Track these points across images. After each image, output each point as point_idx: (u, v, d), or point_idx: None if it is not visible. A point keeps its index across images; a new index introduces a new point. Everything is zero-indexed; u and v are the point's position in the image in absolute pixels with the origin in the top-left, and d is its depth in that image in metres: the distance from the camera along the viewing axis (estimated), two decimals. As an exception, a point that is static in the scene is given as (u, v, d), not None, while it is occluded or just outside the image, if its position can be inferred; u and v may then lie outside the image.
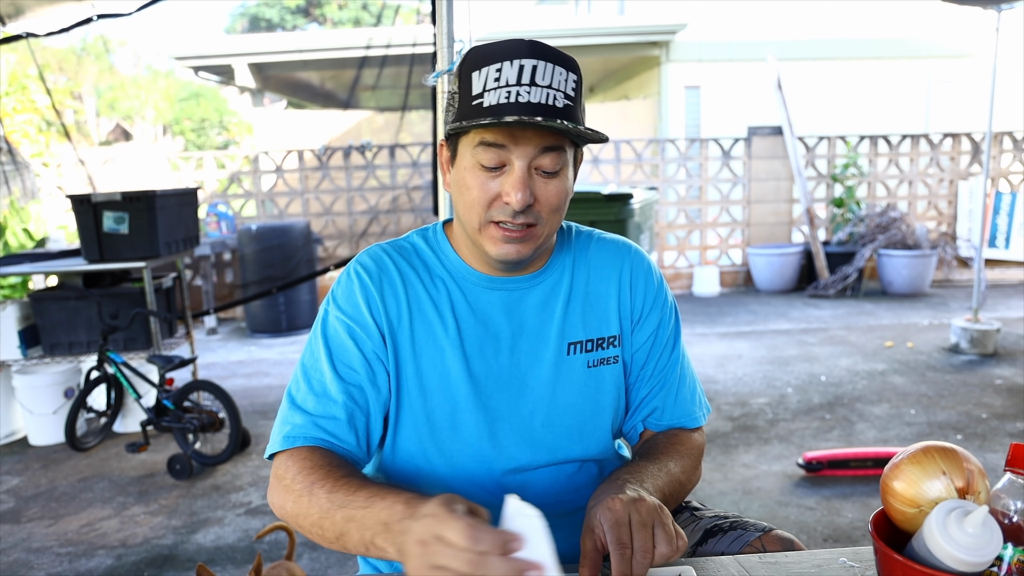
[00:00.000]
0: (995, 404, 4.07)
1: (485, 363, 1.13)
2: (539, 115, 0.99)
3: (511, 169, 1.03)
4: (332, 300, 1.15)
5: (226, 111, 23.18)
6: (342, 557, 2.74)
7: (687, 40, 10.34)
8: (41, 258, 4.26)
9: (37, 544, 2.94)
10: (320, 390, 1.09)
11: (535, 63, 1.01)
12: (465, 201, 1.07)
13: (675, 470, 1.11)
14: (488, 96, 1.01)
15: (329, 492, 0.94)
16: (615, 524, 0.89)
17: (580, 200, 3.92)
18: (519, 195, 1.02)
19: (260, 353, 6.06)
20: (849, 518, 2.91)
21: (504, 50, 1.02)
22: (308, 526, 0.97)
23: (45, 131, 8.24)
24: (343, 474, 0.98)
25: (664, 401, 1.21)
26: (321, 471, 0.98)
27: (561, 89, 1.02)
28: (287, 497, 1.00)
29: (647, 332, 1.21)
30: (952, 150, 8.03)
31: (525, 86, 1.00)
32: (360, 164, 7.77)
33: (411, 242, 1.20)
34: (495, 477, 1.14)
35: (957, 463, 0.83)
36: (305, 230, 6.81)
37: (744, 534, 1.11)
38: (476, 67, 1.03)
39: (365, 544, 0.88)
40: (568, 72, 1.03)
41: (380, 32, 9.77)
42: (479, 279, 1.15)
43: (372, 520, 0.87)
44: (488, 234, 1.07)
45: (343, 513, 0.91)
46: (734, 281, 8.12)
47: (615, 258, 1.22)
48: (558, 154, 1.04)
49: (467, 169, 1.06)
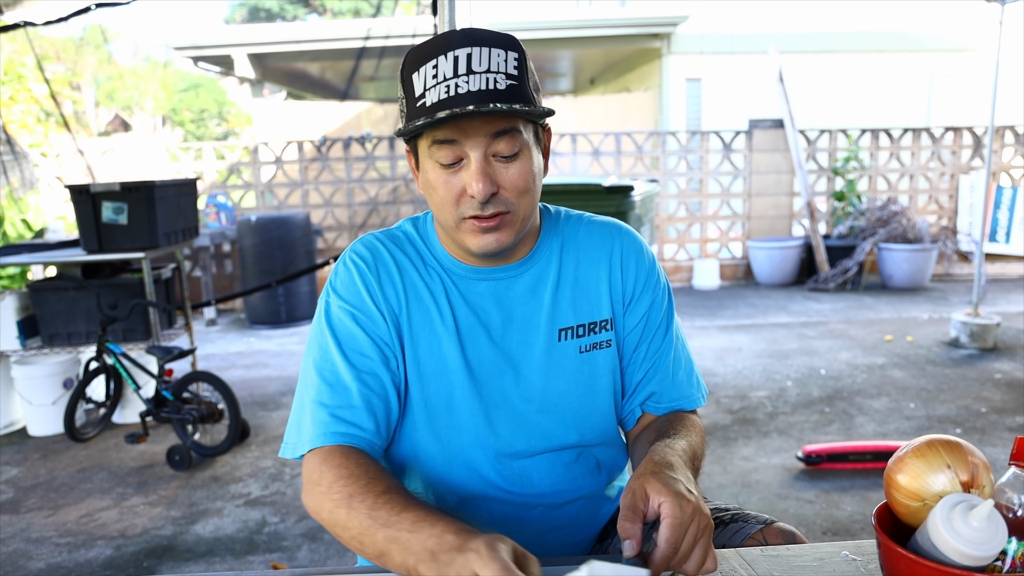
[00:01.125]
0: (994, 398, 4.07)
1: (478, 351, 1.13)
2: (481, 102, 0.98)
3: (468, 162, 1.03)
4: (332, 291, 1.14)
5: (225, 102, 23.14)
6: (341, 549, 2.75)
7: (688, 32, 10.31)
8: (40, 248, 4.25)
9: (36, 534, 2.94)
10: (334, 380, 1.07)
11: (469, 51, 1.00)
12: (435, 202, 1.07)
13: (696, 447, 1.11)
14: (429, 95, 1.00)
15: (370, 509, 0.92)
16: (679, 526, 0.86)
17: (581, 192, 3.91)
18: (480, 186, 1.01)
19: (259, 344, 6.06)
20: (848, 511, 2.91)
21: (438, 45, 1.01)
22: (347, 538, 0.95)
23: (44, 121, 8.22)
24: (383, 489, 0.95)
25: (661, 384, 1.20)
26: (359, 483, 0.96)
27: (501, 71, 1.01)
28: (323, 504, 0.98)
29: (639, 314, 1.19)
30: (953, 144, 8.01)
31: (462, 76, 0.99)
32: (360, 155, 7.75)
33: (403, 231, 1.19)
34: (492, 464, 1.14)
35: (962, 457, 0.82)
36: (304, 221, 6.80)
37: (745, 527, 1.11)
38: (414, 68, 1.03)
39: (407, 568, 0.86)
40: (507, 52, 1.02)
41: (379, 23, 9.74)
42: (465, 271, 1.15)
43: (419, 546, 0.84)
44: (464, 228, 1.06)
45: (386, 533, 0.89)
46: (734, 274, 8.11)
47: (605, 240, 1.21)
48: (512, 136, 1.03)
49: (429, 170, 1.06)
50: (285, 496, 3.21)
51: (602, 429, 1.20)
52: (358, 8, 22.33)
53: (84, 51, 19.21)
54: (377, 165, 7.77)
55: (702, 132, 8.02)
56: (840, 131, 7.97)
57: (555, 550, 1.19)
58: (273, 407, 4.40)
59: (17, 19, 4.27)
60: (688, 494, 0.89)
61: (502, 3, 10.68)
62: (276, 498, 3.20)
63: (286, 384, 4.86)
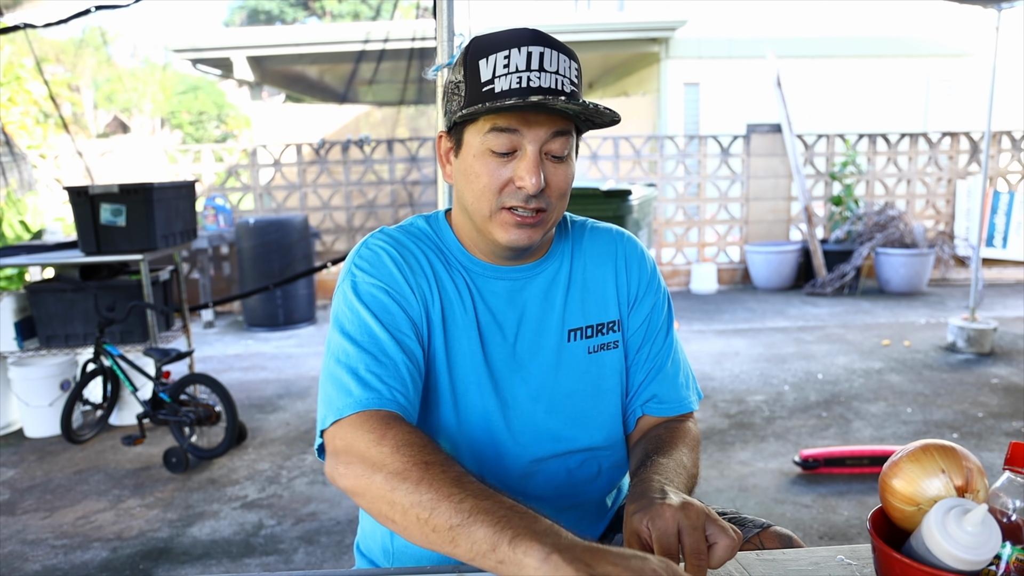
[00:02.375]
0: (991, 403, 4.07)
1: (494, 349, 1.14)
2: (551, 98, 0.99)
3: (523, 154, 1.03)
4: (358, 271, 1.09)
5: (224, 104, 23.13)
6: (339, 551, 2.74)
7: (686, 37, 10.34)
8: (38, 250, 4.25)
9: (32, 536, 2.94)
10: (376, 349, 1.01)
11: (542, 50, 1.02)
12: (474, 189, 1.06)
13: (688, 464, 1.09)
14: (499, 82, 1.01)
15: (458, 477, 0.84)
16: (668, 534, 0.84)
17: (579, 196, 3.92)
18: (533, 179, 1.02)
19: (257, 347, 6.05)
20: (845, 516, 2.91)
21: (510, 38, 1.03)
22: (407, 504, 0.84)
23: (42, 123, 8.22)
24: (464, 469, 0.88)
25: (661, 387, 1.21)
26: (437, 454, 0.88)
27: (567, 75, 1.03)
28: (386, 462, 0.88)
29: (641, 316, 1.21)
30: (950, 149, 8.03)
31: (535, 71, 1.01)
32: (358, 158, 7.75)
33: (418, 227, 1.18)
34: (499, 463, 1.14)
35: (956, 461, 0.82)
36: (303, 224, 6.80)
37: (742, 530, 1.11)
38: (483, 55, 1.03)
39: (492, 541, 0.76)
40: (571, 60, 1.05)
41: (378, 26, 9.75)
42: (483, 268, 1.15)
43: (524, 527, 0.76)
44: (499, 220, 1.06)
45: (475, 503, 0.80)
46: (732, 278, 8.12)
47: (609, 246, 1.23)
48: (567, 138, 1.05)
49: (476, 157, 1.05)
50: (282, 499, 3.21)
51: (608, 431, 1.20)
52: (357, 11, 22.35)
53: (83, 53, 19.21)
54: (375, 168, 7.78)
55: (700, 136, 8.04)
56: (838, 136, 7.99)
57: None
58: (270, 410, 4.39)
59: (17, 21, 4.27)
60: (661, 503, 0.87)
61: (501, 7, 10.71)
62: (273, 501, 3.19)
63: (283, 387, 4.86)
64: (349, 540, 2.82)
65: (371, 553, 1.25)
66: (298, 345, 6.06)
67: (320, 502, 3.16)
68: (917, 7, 10.26)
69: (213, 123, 23.14)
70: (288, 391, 4.75)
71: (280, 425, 4.12)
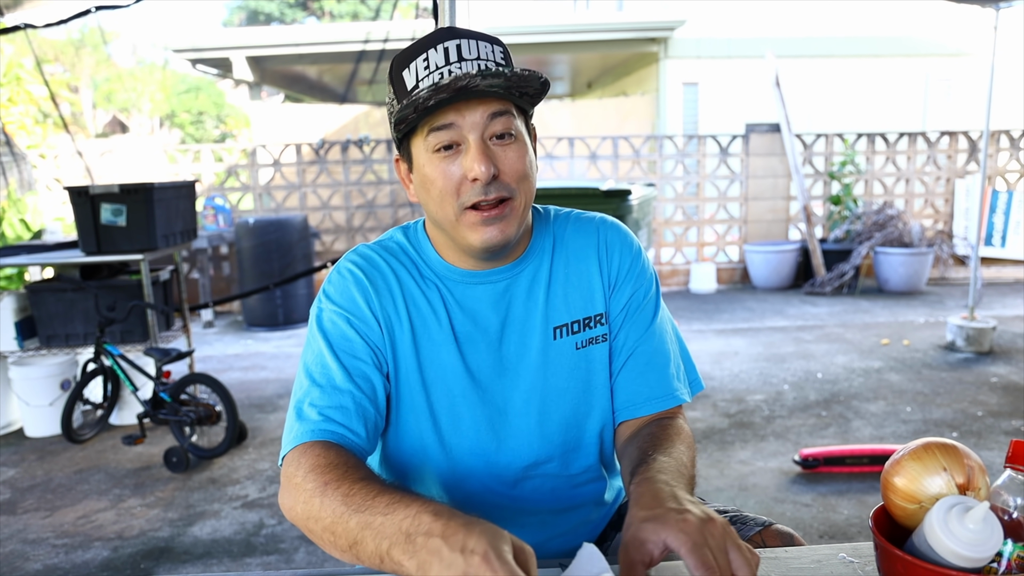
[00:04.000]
0: (991, 402, 4.08)
1: (478, 357, 1.13)
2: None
3: (467, 146, 1.02)
4: (325, 297, 1.12)
5: (224, 104, 23.13)
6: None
7: (685, 37, 10.34)
8: (38, 250, 4.25)
9: (33, 535, 2.94)
10: (326, 382, 1.05)
11: (458, 42, 1.02)
12: (433, 196, 1.05)
13: (688, 464, 1.04)
14: (423, 84, 1.01)
15: (345, 495, 0.87)
16: (695, 547, 0.78)
17: (578, 196, 3.93)
18: (482, 167, 1.01)
19: (257, 347, 6.06)
20: (845, 515, 2.92)
21: (425, 41, 1.03)
22: (319, 531, 0.89)
23: (42, 123, 8.21)
24: (360, 476, 0.90)
25: (645, 378, 1.15)
26: (336, 471, 0.92)
27: (490, 59, 1.03)
28: (297, 497, 0.92)
29: (621, 302, 1.17)
30: (949, 148, 8.04)
31: (454, 63, 1.01)
32: (358, 158, 7.75)
33: (396, 241, 1.18)
34: (494, 471, 1.14)
35: (958, 459, 0.83)
36: (302, 224, 6.80)
37: (743, 528, 1.11)
38: (404, 66, 1.04)
39: (380, 555, 0.80)
40: (492, 44, 1.04)
41: (378, 26, 9.75)
42: (462, 276, 1.14)
43: (392, 528, 0.80)
44: (466, 222, 1.05)
45: (359, 519, 0.84)
46: (731, 278, 8.13)
47: (591, 235, 1.20)
48: (507, 118, 1.03)
49: (425, 164, 1.05)
50: (283, 498, 3.21)
51: (601, 429, 1.19)
52: (357, 12, 22.34)
53: (83, 53, 19.19)
54: (375, 168, 7.78)
55: (699, 136, 8.04)
56: (836, 135, 7.99)
57: (554, 557, 1.19)
58: (271, 409, 4.40)
59: (17, 21, 4.27)
60: (687, 512, 0.82)
61: (500, 7, 10.71)
62: (273, 500, 3.20)
63: (283, 386, 4.86)
64: (350, 539, 2.82)
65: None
66: (298, 345, 6.07)
67: (321, 501, 3.16)
68: (915, 7, 10.27)
69: (212, 123, 23.13)
70: (288, 390, 4.75)
71: (280, 425, 4.12)
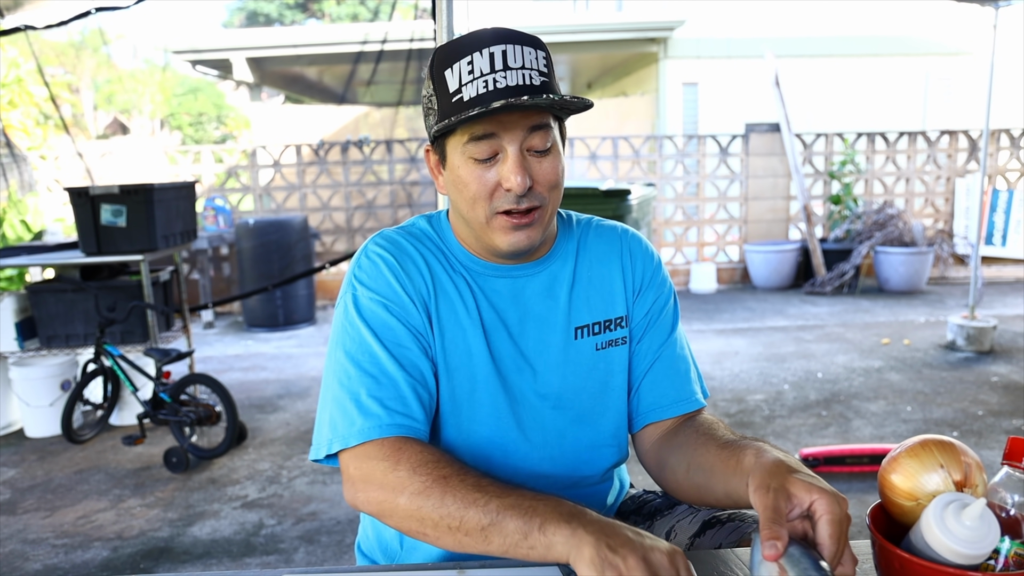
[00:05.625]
0: (991, 401, 4.08)
1: (500, 346, 1.14)
2: (520, 96, 0.99)
3: (504, 156, 1.03)
4: (358, 283, 1.10)
5: (224, 105, 23.13)
6: (339, 551, 2.75)
7: (685, 37, 10.34)
8: (38, 250, 4.25)
9: (33, 535, 2.94)
10: (377, 371, 1.04)
11: (503, 47, 1.01)
12: (465, 198, 1.07)
13: None
14: (466, 90, 1.01)
15: (477, 481, 0.91)
16: (838, 522, 0.82)
17: (578, 196, 3.92)
18: (519, 179, 1.02)
19: (257, 347, 6.06)
20: (845, 514, 2.91)
21: (471, 42, 1.03)
22: (436, 519, 0.90)
23: (43, 124, 8.21)
24: (482, 473, 0.94)
25: (671, 382, 1.20)
26: (452, 466, 0.94)
27: (534, 67, 1.03)
28: (404, 488, 0.93)
29: (644, 307, 1.21)
30: (949, 147, 8.03)
31: (500, 72, 1.00)
32: (357, 159, 7.75)
33: (420, 228, 1.19)
34: (507, 461, 1.14)
35: (955, 456, 0.83)
36: (302, 225, 6.80)
37: (742, 526, 1.11)
38: (447, 64, 1.04)
39: (524, 533, 0.84)
40: (536, 50, 1.04)
41: (377, 27, 9.75)
42: (484, 267, 1.15)
43: (550, 510, 0.84)
44: (495, 226, 1.07)
45: (501, 501, 0.87)
46: (731, 278, 8.12)
47: (615, 242, 1.23)
48: (546, 131, 1.05)
49: (460, 166, 1.06)
50: (282, 499, 3.21)
51: (614, 429, 1.20)
52: (356, 13, 22.35)
53: (83, 54, 19.20)
54: (375, 168, 7.78)
55: (699, 136, 8.04)
56: (836, 135, 7.99)
57: None
58: (271, 410, 4.40)
59: (18, 23, 4.28)
60: (837, 496, 0.85)
61: (500, 8, 10.71)
62: (273, 500, 3.20)
63: (283, 387, 4.86)
64: (349, 540, 2.83)
65: (371, 553, 1.25)
66: (298, 345, 6.07)
67: (320, 502, 3.16)
68: (915, 6, 10.27)
69: (213, 124, 23.13)
70: (288, 391, 4.76)
71: (280, 425, 4.12)
